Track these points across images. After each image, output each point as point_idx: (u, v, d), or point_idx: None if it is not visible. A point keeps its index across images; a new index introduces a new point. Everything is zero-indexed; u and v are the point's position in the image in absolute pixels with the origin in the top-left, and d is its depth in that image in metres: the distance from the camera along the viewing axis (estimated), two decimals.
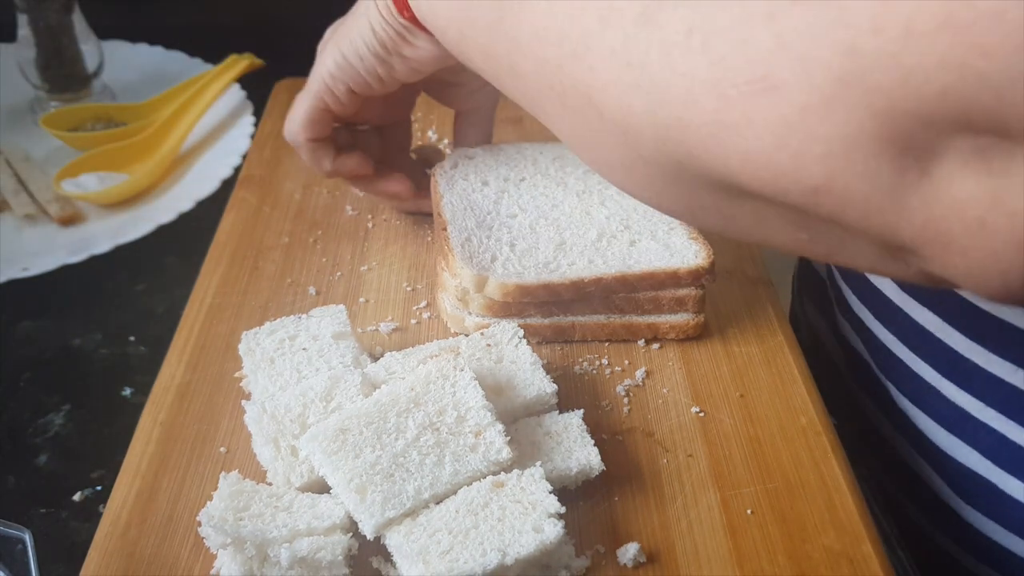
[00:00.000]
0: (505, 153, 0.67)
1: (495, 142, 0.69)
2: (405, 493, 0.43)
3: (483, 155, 0.67)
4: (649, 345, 0.59)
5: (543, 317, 0.58)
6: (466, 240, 0.58)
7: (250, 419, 0.48)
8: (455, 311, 0.58)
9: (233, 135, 0.82)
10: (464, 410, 0.47)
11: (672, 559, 0.46)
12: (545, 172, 0.65)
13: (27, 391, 0.60)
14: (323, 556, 0.42)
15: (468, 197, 0.63)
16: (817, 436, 0.53)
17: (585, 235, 0.60)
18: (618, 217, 0.61)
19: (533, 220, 0.61)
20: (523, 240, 0.59)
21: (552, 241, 0.59)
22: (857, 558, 0.46)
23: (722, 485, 0.50)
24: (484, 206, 0.62)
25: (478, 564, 0.41)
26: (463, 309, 0.58)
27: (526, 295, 0.56)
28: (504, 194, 0.63)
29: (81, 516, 0.52)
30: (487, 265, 0.57)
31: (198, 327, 0.59)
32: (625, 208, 0.62)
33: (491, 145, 0.68)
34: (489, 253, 0.58)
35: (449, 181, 0.64)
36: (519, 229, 0.60)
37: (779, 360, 0.58)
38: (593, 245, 0.59)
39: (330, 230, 0.68)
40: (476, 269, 0.56)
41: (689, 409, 0.54)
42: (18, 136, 0.82)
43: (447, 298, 0.59)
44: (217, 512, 0.43)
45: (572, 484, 0.49)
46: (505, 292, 0.56)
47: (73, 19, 0.82)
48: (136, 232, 0.70)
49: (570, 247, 0.59)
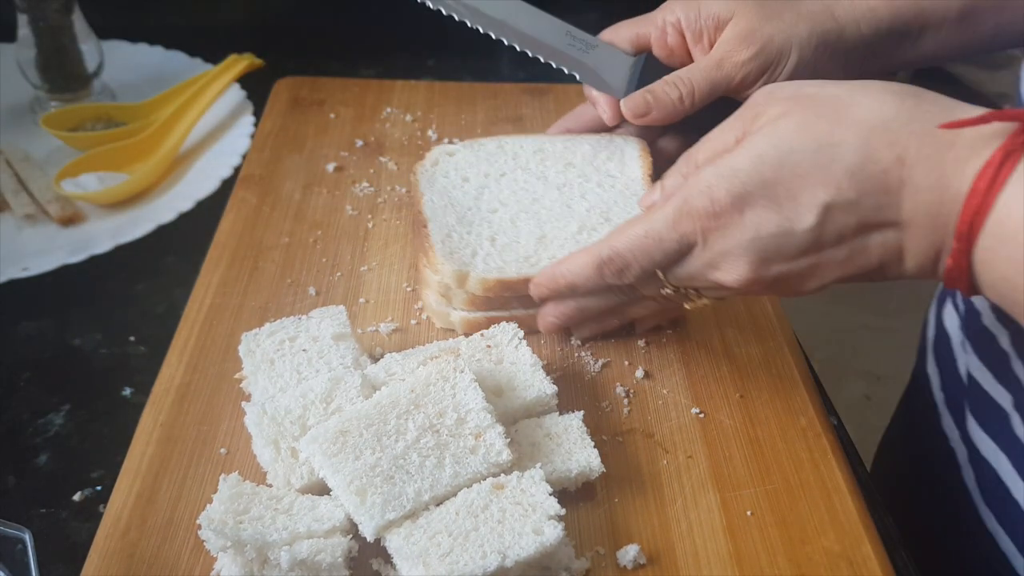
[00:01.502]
0: (486, 149, 0.67)
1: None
2: (405, 495, 0.43)
3: (464, 151, 0.67)
4: (649, 346, 0.59)
5: (525, 309, 0.58)
6: (446, 236, 0.59)
7: (250, 421, 0.48)
8: (439, 307, 0.59)
9: (233, 135, 0.82)
10: (464, 412, 0.47)
11: (672, 560, 0.46)
12: (525, 167, 0.65)
13: (27, 391, 0.60)
14: (323, 558, 0.42)
15: (448, 194, 0.63)
16: (817, 437, 0.53)
17: (566, 228, 0.60)
18: (598, 210, 0.61)
19: (514, 214, 0.61)
20: (504, 234, 0.59)
21: (533, 235, 0.59)
22: (857, 559, 0.46)
23: (722, 486, 0.50)
24: (464, 202, 0.62)
25: (478, 566, 0.41)
26: (447, 305, 0.58)
27: (507, 289, 0.56)
28: (485, 189, 0.64)
29: (81, 516, 0.52)
30: (468, 260, 0.57)
31: (198, 327, 0.59)
32: (605, 201, 0.62)
33: (472, 141, 0.68)
34: (470, 248, 0.58)
35: (429, 179, 0.64)
36: (500, 224, 0.60)
37: (779, 361, 0.58)
38: (574, 238, 0.59)
39: (330, 230, 0.68)
40: (457, 264, 0.56)
41: (689, 410, 0.54)
42: (18, 136, 0.82)
43: (431, 294, 0.59)
44: (217, 515, 0.43)
45: (572, 486, 0.49)
46: (486, 287, 0.56)
47: (73, 19, 0.82)
48: (136, 232, 0.70)
49: (551, 240, 0.59)
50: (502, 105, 0.84)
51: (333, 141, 0.78)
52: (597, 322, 0.57)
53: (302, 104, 0.83)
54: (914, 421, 0.71)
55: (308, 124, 0.80)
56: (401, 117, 0.82)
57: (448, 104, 0.84)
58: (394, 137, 0.79)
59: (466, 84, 0.87)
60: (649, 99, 0.61)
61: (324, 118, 0.81)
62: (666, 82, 0.61)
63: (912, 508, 0.67)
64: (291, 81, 0.86)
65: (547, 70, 0.67)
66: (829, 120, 0.43)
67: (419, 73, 0.95)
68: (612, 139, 0.67)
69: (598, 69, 0.64)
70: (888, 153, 0.41)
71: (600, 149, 0.66)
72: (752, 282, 0.46)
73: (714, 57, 0.60)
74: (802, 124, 0.43)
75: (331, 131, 0.79)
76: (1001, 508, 0.56)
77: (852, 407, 1.85)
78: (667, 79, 0.61)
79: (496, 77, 0.93)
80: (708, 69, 0.60)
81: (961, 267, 0.41)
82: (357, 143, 0.78)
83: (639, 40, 0.64)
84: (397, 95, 0.85)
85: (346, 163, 0.75)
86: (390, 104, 0.83)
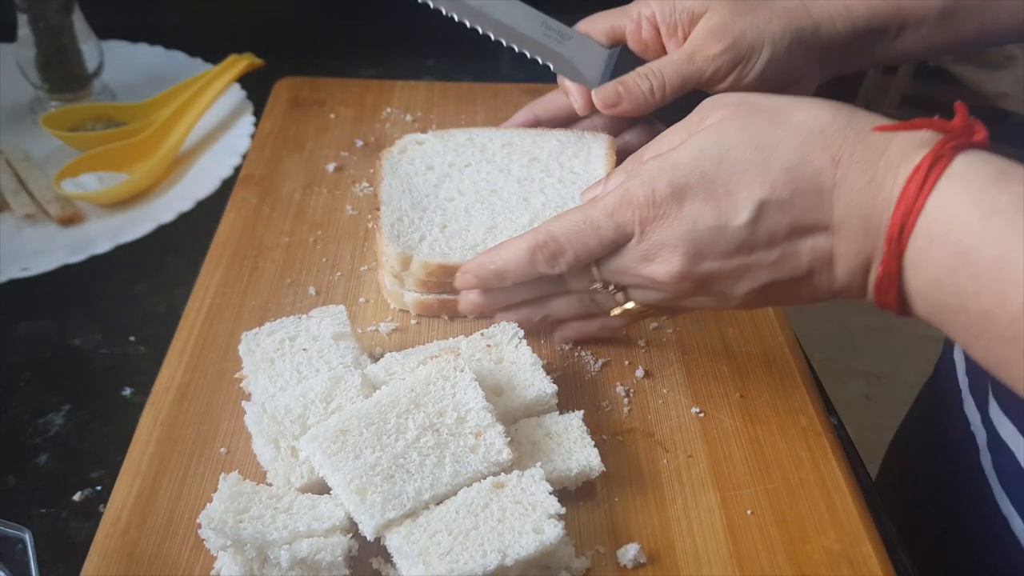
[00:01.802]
0: (455, 139, 0.68)
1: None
2: (405, 494, 0.43)
3: (433, 141, 0.68)
4: (649, 345, 0.59)
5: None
6: (397, 220, 0.60)
7: (250, 420, 0.48)
8: (392, 287, 0.60)
9: (233, 135, 0.82)
10: (464, 411, 0.47)
11: (672, 560, 0.46)
12: (491, 159, 0.66)
13: (27, 391, 0.60)
14: (323, 557, 0.42)
15: (409, 180, 0.64)
16: (817, 436, 0.53)
17: (517, 220, 0.60)
18: (554, 204, 0.62)
19: (469, 204, 0.62)
20: (455, 222, 0.60)
21: (484, 224, 0.60)
22: (857, 559, 0.46)
23: (722, 486, 0.50)
24: (423, 189, 0.63)
25: (478, 565, 0.41)
26: (400, 286, 0.59)
27: (449, 275, 0.56)
28: (446, 179, 0.64)
29: (81, 516, 0.52)
30: (414, 244, 0.58)
31: (198, 327, 0.59)
32: (563, 196, 0.63)
33: (443, 131, 0.69)
34: (418, 233, 0.59)
35: (393, 165, 0.65)
36: (453, 212, 0.61)
37: (779, 360, 0.58)
38: (523, 230, 0.59)
39: (330, 230, 0.68)
40: (401, 248, 0.57)
41: (689, 409, 0.54)
42: (18, 136, 0.82)
43: (385, 275, 0.60)
44: (217, 514, 0.43)
45: (572, 485, 0.49)
46: (428, 271, 0.57)
47: (73, 19, 0.82)
48: (136, 232, 0.70)
49: (501, 230, 0.60)
50: (502, 105, 0.84)
51: (333, 141, 0.78)
52: (516, 311, 0.56)
53: (302, 104, 0.83)
54: (937, 406, 0.71)
55: (308, 124, 0.80)
56: (401, 117, 0.82)
57: (448, 104, 0.84)
58: (394, 137, 0.79)
59: (466, 84, 0.87)
60: (620, 90, 0.62)
61: (324, 118, 0.81)
62: (638, 74, 0.62)
63: (926, 493, 0.67)
64: (291, 81, 0.86)
65: (547, 71, 0.67)
66: (769, 123, 0.45)
67: (419, 73, 0.95)
68: (581, 136, 0.68)
69: (572, 59, 0.65)
70: (823, 155, 0.43)
71: (568, 145, 0.67)
72: (683, 276, 0.47)
73: (686, 51, 0.61)
74: (744, 126, 0.45)
75: (331, 131, 0.79)
76: (1018, 491, 0.57)
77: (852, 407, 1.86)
78: (639, 71, 0.62)
79: (496, 77, 0.93)
80: (680, 62, 0.61)
81: (891, 273, 0.42)
82: (357, 143, 0.78)
83: (614, 32, 0.65)
84: (397, 95, 0.85)
85: (346, 163, 0.75)
86: (390, 104, 0.83)
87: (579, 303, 0.54)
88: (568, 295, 0.54)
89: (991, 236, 0.39)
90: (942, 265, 0.40)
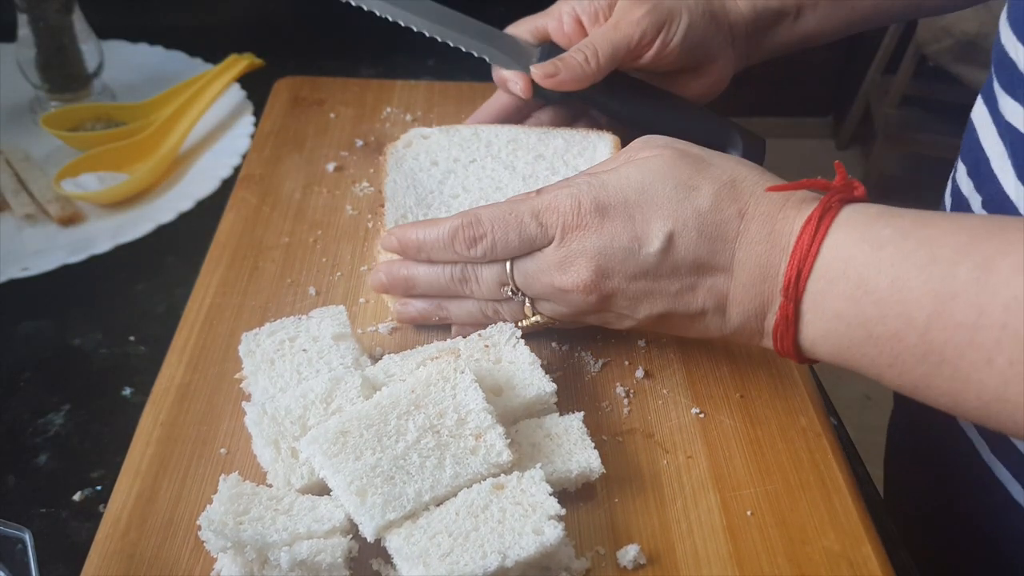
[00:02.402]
0: (460, 135, 0.68)
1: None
2: (405, 495, 0.43)
3: (439, 135, 0.68)
4: (649, 345, 0.59)
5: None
6: (401, 217, 0.60)
7: (250, 421, 0.48)
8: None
9: (233, 135, 0.82)
10: (464, 412, 0.47)
11: (672, 561, 0.46)
12: (496, 155, 0.66)
13: (27, 391, 0.60)
14: (323, 559, 0.42)
15: (414, 176, 0.64)
16: (817, 437, 0.53)
17: None
18: None
19: (474, 200, 0.62)
20: None
21: None
22: (857, 560, 0.46)
23: (722, 487, 0.50)
24: (428, 185, 0.63)
25: (478, 566, 0.41)
26: None
27: None
28: (451, 175, 0.64)
29: (81, 516, 0.52)
30: None
31: (198, 327, 0.59)
32: None
33: (449, 126, 0.69)
34: None
35: (398, 160, 0.65)
36: (458, 208, 0.61)
37: (779, 361, 0.58)
38: None
39: (330, 230, 0.68)
40: None
41: (689, 410, 0.54)
42: (18, 136, 0.82)
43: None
44: (217, 516, 0.43)
45: (572, 486, 0.49)
46: None
47: (73, 19, 0.82)
48: (136, 232, 0.70)
49: None
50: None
51: (333, 141, 0.78)
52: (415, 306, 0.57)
53: (302, 104, 0.83)
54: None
55: (308, 124, 0.80)
56: (401, 117, 0.82)
57: (448, 104, 0.84)
58: (394, 137, 0.78)
59: (466, 84, 0.87)
60: (558, 63, 0.64)
61: (324, 118, 0.81)
62: (572, 49, 0.65)
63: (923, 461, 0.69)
64: (291, 81, 0.86)
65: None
66: (691, 168, 0.49)
67: (419, 73, 0.95)
68: (587, 135, 0.68)
69: (507, 53, 0.67)
70: (732, 207, 0.48)
71: (573, 144, 0.67)
72: (591, 288, 0.50)
73: (612, 21, 0.66)
74: (669, 165, 0.49)
75: (331, 131, 0.79)
76: (1007, 457, 0.57)
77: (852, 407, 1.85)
78: (573, 47, 0.65)
79: None
80: (606, 31, 0.65)
81: (788, 317, 0.46)
82: (357, 143, 0.78)
83: (538, 32, 0.68)
84: (397, 95, 0.85)
85: (346, 163, 0.75)
86: (390, 104, 0.83)
87: (479, 311, 0.55)
88: (470, 301, 0.55)
89: (885, 263, 0.42)
90: (844, 299, 0.44)
